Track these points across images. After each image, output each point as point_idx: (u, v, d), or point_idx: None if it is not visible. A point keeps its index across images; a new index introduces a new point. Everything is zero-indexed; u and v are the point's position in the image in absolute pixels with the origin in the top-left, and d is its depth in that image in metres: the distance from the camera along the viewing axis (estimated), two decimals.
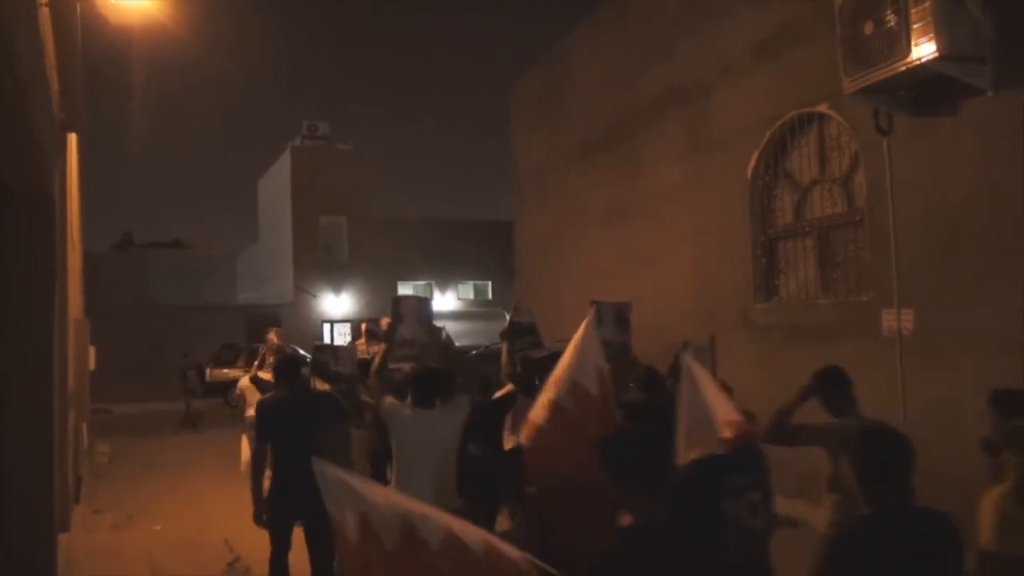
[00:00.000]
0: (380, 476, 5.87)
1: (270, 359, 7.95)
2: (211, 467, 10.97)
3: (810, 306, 7.94)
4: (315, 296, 29.42)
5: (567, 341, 5.83)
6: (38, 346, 4.95)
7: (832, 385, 4.10)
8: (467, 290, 32.90)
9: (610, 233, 11.83)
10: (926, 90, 6.22)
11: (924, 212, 6.58)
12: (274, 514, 4.92)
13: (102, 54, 13.15)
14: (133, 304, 31.03)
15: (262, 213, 34.93)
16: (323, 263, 29.87)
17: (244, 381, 8.20)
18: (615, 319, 6.21)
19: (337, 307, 29.76)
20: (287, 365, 5.21)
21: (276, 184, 31.87)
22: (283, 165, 30.94)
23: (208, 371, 22.02)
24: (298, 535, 5.01)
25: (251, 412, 7.10)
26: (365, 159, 31.61)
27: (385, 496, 2.87)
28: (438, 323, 7.83)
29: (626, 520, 2.58)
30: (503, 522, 6.34)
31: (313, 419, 4.97)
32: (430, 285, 31.88)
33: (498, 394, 5.83)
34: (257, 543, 7.30)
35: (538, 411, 4.72)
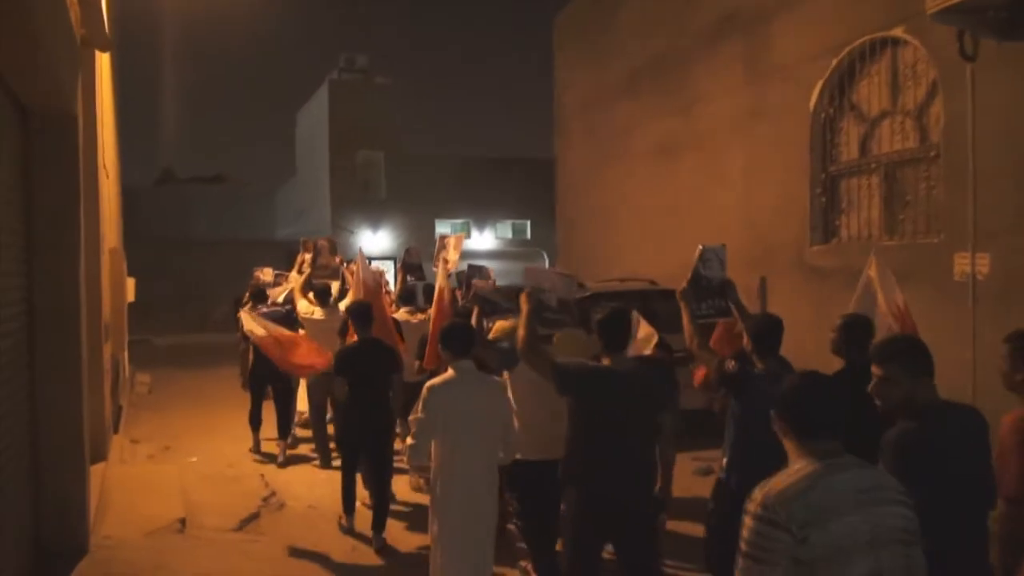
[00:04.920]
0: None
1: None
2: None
3: (873, 248, 7.43)
4: (352, 233, 29.32)
5: (616, 281, 5.51)
6: (65, 273, 4.77)
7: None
8: (505, 229, 32.49)
9: (657, 170, 11.32)
10: (1018, 10, 5.59)
11: (1008, 147, 6.02)
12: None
13: None
14: (174, 237, 31.32)
15: (300, 147, 34.70)
16: (360, 199, 29.65)
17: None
18: (719, 261, 5.06)
19: (375, 244, 29.65)
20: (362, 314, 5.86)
21: (314, 118, 31.51)
22: (321, 99, 30.50)
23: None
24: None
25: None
26: (403, 94, 31.06)
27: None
28: (478, 262, 7.48)
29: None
30: None
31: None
32: (468, 224, 31.54)
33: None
34: (291, 479, 7.28)
35: None
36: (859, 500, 2.06)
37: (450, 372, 4.00)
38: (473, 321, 4.57)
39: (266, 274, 9.26)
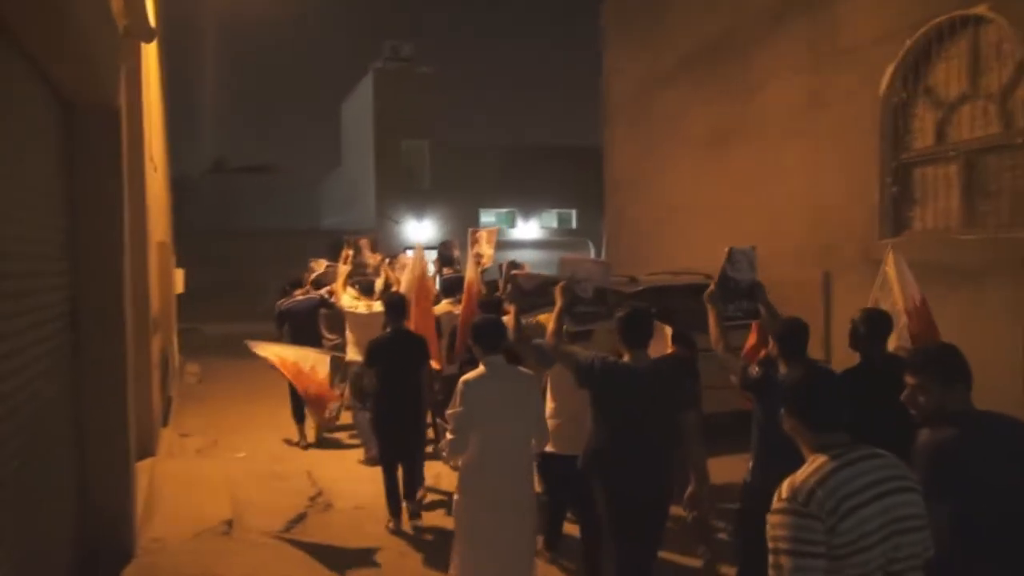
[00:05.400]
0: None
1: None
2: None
3: (950, 242, 6.97)
4: (397, 222, 29.33)
5: (668, 275, 5.35)
6: (109, 268, 4.67)
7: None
8: (550, 218, 32.15)
9: (711, 159, 10.90)
10: None
11: None
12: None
13: None
14: (223, 228, 31.71)
15: (345, 137, 34.83)
16: (405, 188, 29.61)
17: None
18: (749, 263, 4.75)
19: (420, 233, 29.62)
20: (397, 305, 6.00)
21: (359, 107, 31.55)
22: (365, 88, 30.51)
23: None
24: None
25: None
26: (447, 83, 30.87)
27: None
28: (522, 253, 7.49)
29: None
30: None
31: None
32: (513, 213, 31.32)
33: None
34: (337, 476, 7.15)
35: None
36: (876, 491, 2.11)
37: (481, 368, 3.98)
38: (512, 319, 4.58)
39: (319, 265, 9.32)
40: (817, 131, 8.67)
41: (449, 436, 3.90)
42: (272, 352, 6.82)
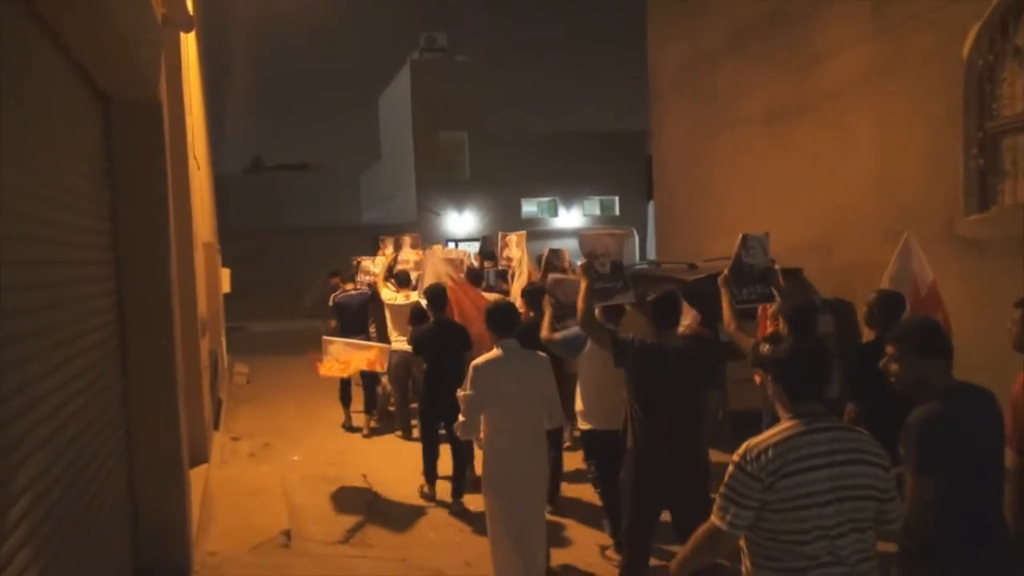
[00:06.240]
0: None
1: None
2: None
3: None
4: (438, 215, 29.11)
5: (722, 260, 5.91)
6: (156, 269, 4.42)
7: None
8: (593, 206, 31.60)
9: (769, 138, 10.38)
10: None
11: None
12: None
13: None
14: (263, 226, 31.85)
15: (383, 131, 34.65)
16: (445, 181, 29.34)
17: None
18: (762, 249, 5.03)
19: (461, 225, 29.37)
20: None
21: (396, 100, 31.34)
22: (403, 80, 30.29)
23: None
24: None
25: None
26: (484, 72, 30.46)
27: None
28: (563, 242, 7.91)
29: None
30: None
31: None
32: (554, 202, 30.88)
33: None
34: (393, 479, 6.91)
35: None
36: (832, 458, 2.34)
37: (496, 351, 4.22)
38: (546, 324, 4.94)
39: (375, 264, 9.56)
40: (888, 101, 8.13)
41: (461, 418, 4.15)
42: (335, 366, 7.42)
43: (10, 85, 2.54)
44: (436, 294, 6.42)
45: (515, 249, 8.42)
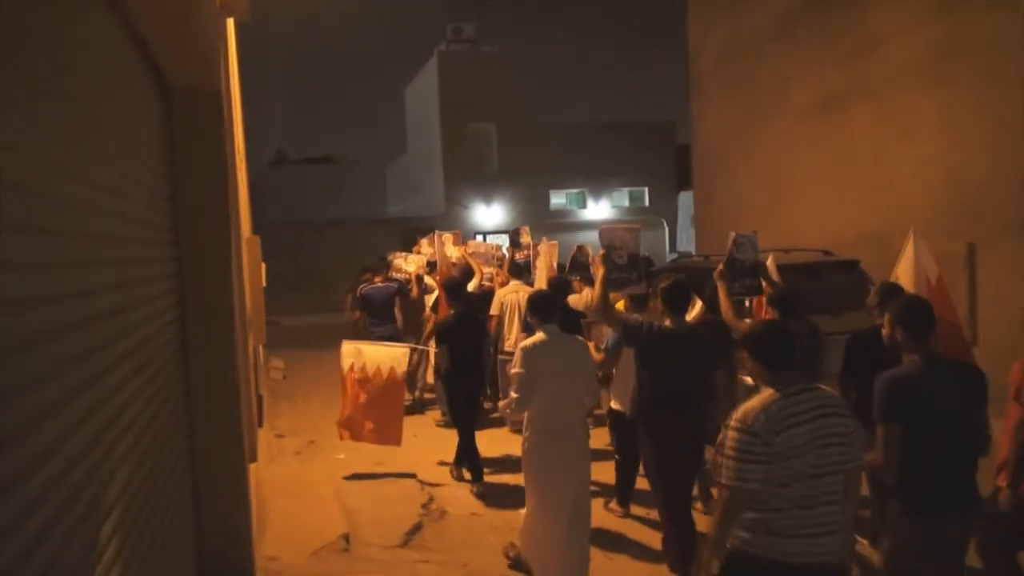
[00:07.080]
0: None
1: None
2: None
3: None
4: (466, 207, 28.93)
5: (780, 252, 6.42)
6: (218, 265, 4.28)
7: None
8: (622, 198, 31.23)
9: (818, 127, 10.08)
10: None
11: None
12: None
13: None
14: (289, 218, 31.86)
15: (410, 123, 34.43)
16: (473, 173, 29.09)
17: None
18: (752, 246, 5.71)
19: (489, 218, 29.17)
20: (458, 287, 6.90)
21: (423, 92, 31.11)
22: (430, 72, 30.05)
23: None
24: None
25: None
26: (512, 62, 30.16)
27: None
28: (587, 238, 8.18)
29: None
30: None
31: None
32: (583, 193, 30.57)
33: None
34: (443, 477, 6.76)
35: None
36: (809, 415, 2.78)
37: (539, 334, 4.46)
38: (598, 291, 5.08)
39: (409, 262, 9.78)
40: (951, 86, 7.82)
41: (513, 394, 4.34)
42: (348, 359, 7.14)
43: (84, 66, 2.38)
44: (452, 286, 6.82)
45: (525, 236, 9.25)
